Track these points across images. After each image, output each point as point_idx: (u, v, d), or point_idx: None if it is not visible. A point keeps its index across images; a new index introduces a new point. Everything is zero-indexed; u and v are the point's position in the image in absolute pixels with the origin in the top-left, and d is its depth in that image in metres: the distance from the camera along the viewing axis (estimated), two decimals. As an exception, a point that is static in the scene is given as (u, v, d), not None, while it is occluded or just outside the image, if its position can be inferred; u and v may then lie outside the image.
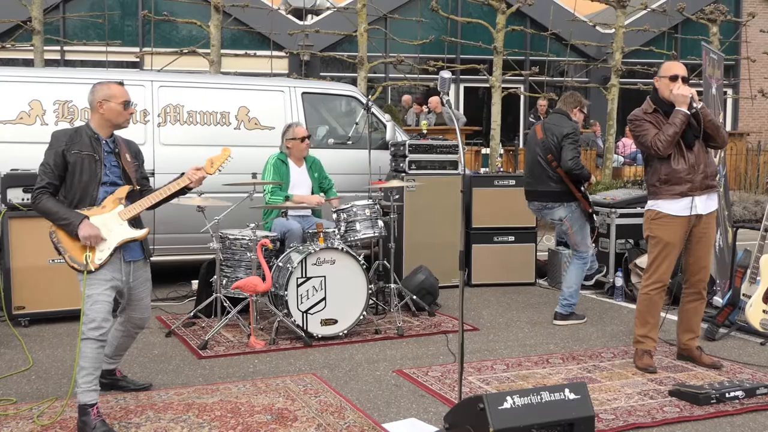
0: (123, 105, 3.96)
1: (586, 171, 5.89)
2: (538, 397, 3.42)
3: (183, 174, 4.11)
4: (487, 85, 13.20)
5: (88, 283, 3.80)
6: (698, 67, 15.12)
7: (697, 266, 4.83)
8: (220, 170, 4.21)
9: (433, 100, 12.86)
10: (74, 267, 3.81)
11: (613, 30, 13.99)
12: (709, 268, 4.94)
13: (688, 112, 4.57)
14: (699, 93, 4.68)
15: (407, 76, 15.23)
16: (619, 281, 6.88)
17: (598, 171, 13.43)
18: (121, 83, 4.04)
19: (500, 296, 6.98)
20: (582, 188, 5.97)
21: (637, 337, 4.84)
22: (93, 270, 3.80)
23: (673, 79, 4.64)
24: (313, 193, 6.45)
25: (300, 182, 6.38)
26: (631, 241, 7.08)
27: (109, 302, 3.86)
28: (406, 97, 15.22)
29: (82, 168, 3.86)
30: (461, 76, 17.42)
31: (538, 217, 6.86)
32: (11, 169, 5.99)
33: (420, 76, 14.78)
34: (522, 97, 17.24)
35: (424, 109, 14.23)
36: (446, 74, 3.91)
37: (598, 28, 16.82)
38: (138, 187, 4.07)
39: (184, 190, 4.12)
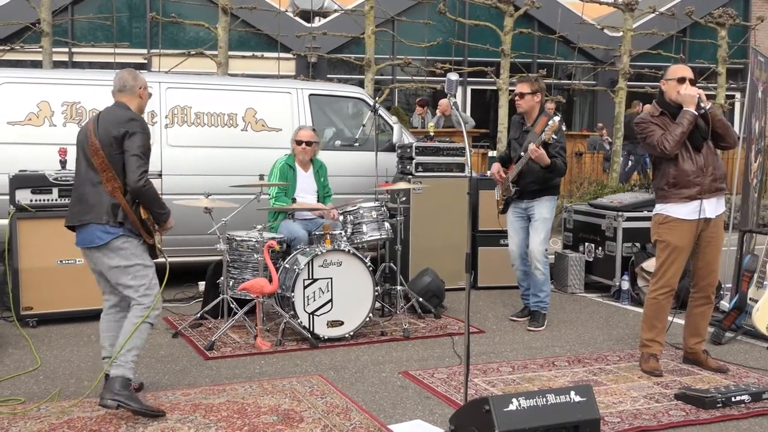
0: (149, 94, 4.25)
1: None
2: (544, 399, 3.42)
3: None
4: (495, 87, 13.20)
5: (153, 273, 3.99)
6: (706, 71, 15.14)
7: (705, 270, 4.82)
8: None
9: (443, 102, 12.81)
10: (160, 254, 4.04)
11: (621, 33, 13.96)
12: (717, 273, 4.92)
13: (696, 113, 4.57)
14: (708, 96, 4.68)
15: (414, 78, 15.23)
16: (626, 285, 6.87)
17: (605, 174, 13.40)
18: None
19: (506, 299, 6.98)
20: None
21: (643, 341, 4.83)
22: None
23: (681, 81, 4.64)
24: (319, 198, 6.46)
25: (306, 187, 6.37)
26: (637, 244, 7.07)
27: None
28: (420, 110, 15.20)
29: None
30: (468, 79, 17.41)
31: None
32: (20, 170, 6.01)
33: (427, 78, 14.77)
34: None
35: (427, 110, 14.20)
36: (454, 76, 3.91)
37: (606, 31, 16.79)
38: None
39: None
